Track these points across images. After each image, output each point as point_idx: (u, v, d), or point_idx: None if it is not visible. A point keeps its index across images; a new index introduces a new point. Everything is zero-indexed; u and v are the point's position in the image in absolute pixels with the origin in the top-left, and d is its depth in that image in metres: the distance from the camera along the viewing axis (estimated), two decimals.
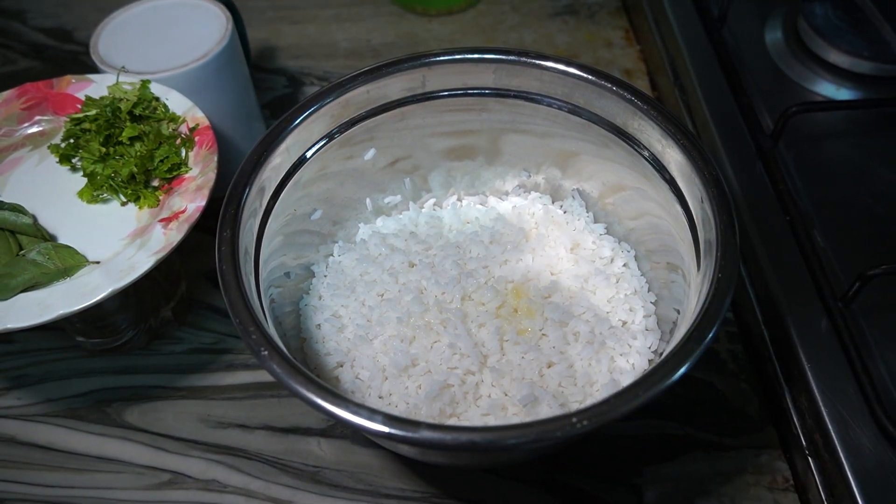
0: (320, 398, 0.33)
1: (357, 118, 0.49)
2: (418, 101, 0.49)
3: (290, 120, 0.45)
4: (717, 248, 0.38)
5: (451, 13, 0.80)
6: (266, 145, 0.44)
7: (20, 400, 0.52)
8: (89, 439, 0.50)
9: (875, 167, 0.56)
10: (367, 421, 0.32)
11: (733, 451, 0.47)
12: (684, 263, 0.43)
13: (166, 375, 0.52)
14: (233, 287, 0.38)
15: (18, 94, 0.53)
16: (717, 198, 0.40)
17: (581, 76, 0.46)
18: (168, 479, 0.47)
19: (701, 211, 0.41)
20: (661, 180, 0.45)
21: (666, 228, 0.46)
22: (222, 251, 0.39)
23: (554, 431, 0.32)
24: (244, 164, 0.43)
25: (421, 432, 0.32)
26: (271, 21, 0.80)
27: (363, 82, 0.47)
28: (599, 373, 0.43)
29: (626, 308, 0.47)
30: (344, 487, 0.47)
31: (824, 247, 0.51)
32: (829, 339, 0.46)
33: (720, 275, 0.37)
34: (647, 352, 0.45)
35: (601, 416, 0.32)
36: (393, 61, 0.48)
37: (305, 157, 0.47)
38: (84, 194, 0.48)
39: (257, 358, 0.35)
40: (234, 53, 0.57)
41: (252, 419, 0.50)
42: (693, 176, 0.42)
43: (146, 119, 0.50)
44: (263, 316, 0.38)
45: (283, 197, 0.46)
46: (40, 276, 0.42)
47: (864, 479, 0.41)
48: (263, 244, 0.44)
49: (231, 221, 0.40)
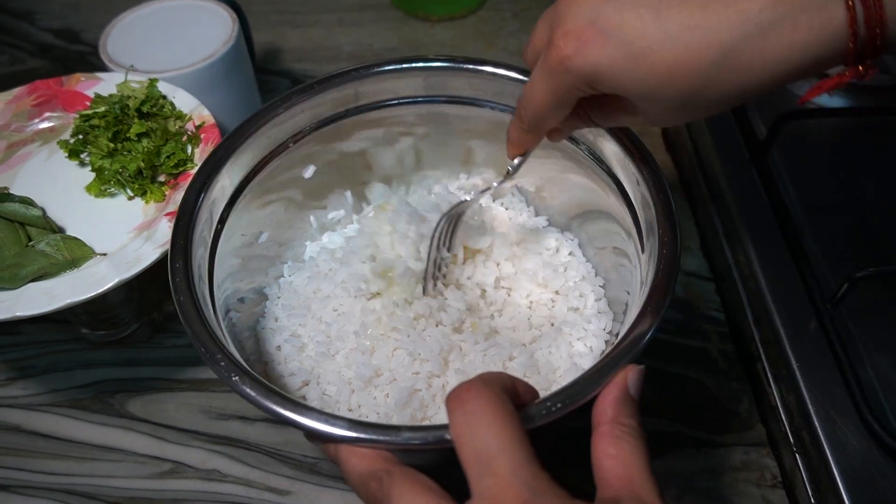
0: (301, 416, 0.33)
1: (293, 137, 0.48)
2: (352, 114, 0.50)
3: (229, 145, 0.45)
4: (658, 226, 0.40)
5: (452, 19, 0.82)
6: (207, 172, 0.44)
7: (25, 390, 0.53)
8: (92, 429, 0.50)
9: (865, 173, 0.58)
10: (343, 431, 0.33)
11: (723, 448, 0.48)
12: (629, 246, 0.44)
13: (168, 368, 0.53)
14: (193, 316, 0.38)
15: (29, 90, 0.54)
16: (652, 178, 0.41)
17: (510, 76, 0.47)
18: (169, 469, 0.48)
19: (638, 194, 0.43)
20: (598, 169, 0.46)
21: (606, 214, 0.47)
22: (177, 282, 0.39)
23: (533, 419, 0.32)
24: (187, 194, 0.43)
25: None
26: (276, 24, 0.82)
27: (296, 102, 0.47)
28: (560, 359, 0.45)
29: (577, 294, 0.48)
30: (340, 478, 0.47)
31: (814, 250, 0.52)
32: (817, 340, 0.47)
33: (664, 250, 0.38)
34: (602, 333, 0.46)
35: (574, 397, 0.33)
36: (324, 78, 0.48)
37: (247, 181, 0.47)
38: (92, 188, 0.49)
39: (228, 384, 0.35)
40: (239, 54, 0.58)
41: (252, 411, 0.51)
42: (627, 161, 0.43)
43: (153, 116, 0.51)
44: (226, 341, 0.38)
45: (230, 223, 0.46)
46: (49, 267, 0.44)
47: (849, 476, 0.42)
48: (216, 271, 0.43)
49: (182, 252, 0.40)
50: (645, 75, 0.30)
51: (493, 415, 0.28)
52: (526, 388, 0.33)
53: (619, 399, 0.32)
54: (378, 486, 0.30)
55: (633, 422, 0.31)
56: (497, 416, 0.28)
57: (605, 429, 0.31)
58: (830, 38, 0.27)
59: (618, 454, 0.30)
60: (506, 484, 0.27)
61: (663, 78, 0.30)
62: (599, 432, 0.31)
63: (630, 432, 0.31)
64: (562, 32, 0.32)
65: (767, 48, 0.28)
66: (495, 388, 0.29)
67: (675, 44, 0.29)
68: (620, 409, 0.32)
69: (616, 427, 0.31)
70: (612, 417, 0.31)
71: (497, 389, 0.29)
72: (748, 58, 0.28)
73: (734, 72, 0.29)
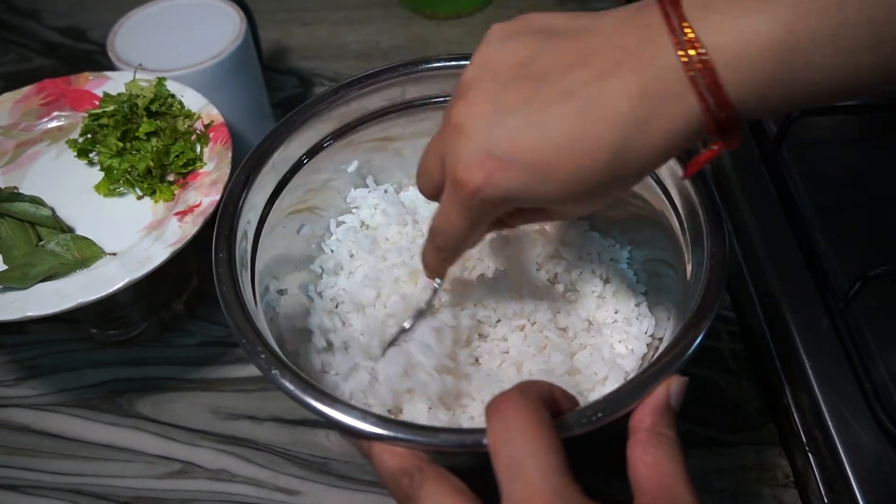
0: (340, 413, 0.34)
1: (338, 131, 0.49)
2: (398, 110, 0.50)
3: (276, 137, 0.45)
4: (707, 236, 0.39)
5: (459, 16, 0.81)
6: (254, 162, 0.44)
7: (34, 390, 0.53)
8: (101, 429, 0.50)
9: (876, 170, 0.57)
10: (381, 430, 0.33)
11: (734, 447, 0.48)
12: (674, 254, 0.44)
13: (177, 367, 0.53)
14: (235, 308, 0.38)
15: (37, 90, 0.54)
16: (700, 186, 0.41)
17: None
18: (178, 469, 0.48)
19: (686, 202, 0.42)
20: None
21: (651, 220, 0.47)
22: (220, 272, 0.39)
23: (571, 427, 0.32)
24: (233, 184, 0.43)
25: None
26: (283, 23, 0.82)
27: (344, 95, 0.47)
28: (601, 360, 0.44)
29: (619, 297, 0.48)
30: (351, 478, 0.47)
31: (826, 248, 0.52)
32: (829, 339, 0.47)
33: (713, 262, 0.38)
34: (644, 336, 0.45)
35: (615, 406, 0.33)
36: (371, 73, 0.48)
37: (292, 173, 0.47)
38: (101, 188, 0.49)
39: (269, 377, 0.35)
40: (247, 53, 0.58)
41: (261, 411, 0.51)
42: (675, 168, 0.43)
43: (162, 115, 0.51)
44: (266, 334, 0.38)
45: (272, 214, 0.46)
46: (59, 267, 0.43)
47: (862, 476, 0.42)
48: (258, 263, 0.44)
49: (226, 242, 0.41)
50: (555, 186, 0.32)
51: (527, 422, 0.29)
52: (565, 397, 0.33)
53: (659, 408, 0.32)
54: (409, 483, 0.31)
55: (672, 432, 0.31)
56: (531, 423, 0.29)
57: (642, 436, 0.31)
58: (696, 120, 0.29)
59: (654, 462, 0.30)
60: (535, 489, 0.27)
61: (571, 185, 0.31)
62: (636, 439, 0.31)
63: (668, 442, 0.31)
64: (462, 167, 0.32)
65: (648, 137, 0.30)
66: (533, 396, 0.30)
67: (572, 154, 0.30)
68: (660, 418, 0.32)
69: (653, 436, 0.31)
70: (651, 426, 0.31)
71: (534, 398, 0.30)
72: (635, 150, 0.30)
73: (628, 164, 0.31)
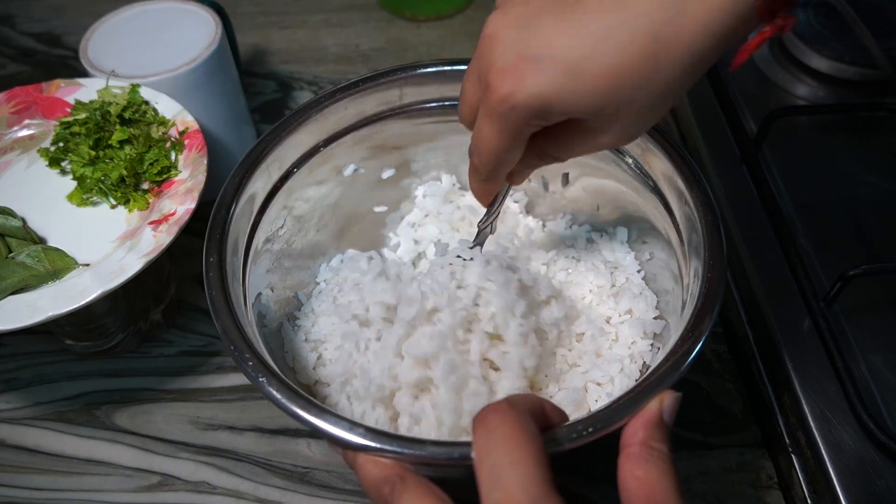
0: (326, 423, 0.33)
1: (334, 135, 0.48)
2: (396, 114, 0.50)
3: (271, 139, 0.45)
4: (704, 249, 0.39)
5: (439, 18, 0.81)
6: (248, 166, 0.44)
7: (9, 403, 0.52)
8: (78, 442, 0.50)
9: (856, 170, 0.57)
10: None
11: (718, 449, 0.48)
12: (671, 264, 0.44)
13: (156, 378, 0.52)
14: (224, 313, 0.37)
15: (7, 98, 0.53)
16: (700, 198, 0.41)
17: None
18: (157, 482, 0.48)
19: (684, 213, 0.42)
20: (643, 186, 0.46)
21: (649, 230, 0.47)
22: (210, 277, 0.39)
23: (561, 442, 0.32)
24: (227, 186, 0.43)
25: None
26: (261, 26, 0.81)
27: (341, 98, 0.47)
28: (601, 365, 0.44)
29: (616, 303, 0.48)
30: (333, 488, 0.47)
31: (806, 248, 0.52)
32: (811, 339, 0.47)
33: (710, 275, 0.38)
34: (643, 344, 0.45)
35: (606, 422, 0.32)
36: (370, 76, 0.48)
37: (285, 178, 0.47)
38: (74, 197, 0.48)
39: (256, 384, 0.35)
40: (223, 58, 0.57)
41: (241, 421, 0.50)
42: (675, 178, 0.42)
43: (136, 122, 0.50)
44: (255, 341, 0.38)
45: (265, 220, 0.45)
46: (30, 279, 0.43)
47: (845, 476, 0.42)
48: (249, 268, 0.43)
49: (217, 246, 0.40)
50: (591, 87, 0.30)
51: (511, 432, 0.28)
52: (555, 411, 0.32)
53: (651, 422, 0.32)
54: (389, 491, 0.31)
55: (664, 447, 0.31)
56: (514, 433, 0.28)
57: (633, 450, 0.31)
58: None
59: (645, 476, 0.30)
60: (514, 500, 0.26)
61: (609, 82, 0.30)
62: (627, 453, 0.31)
63: (660, 456, 0.30)
64: (494, 73, 0.32)
65: (690, 20, 0.29)
66: (521, 409, 0.30)
67: (607, 45, 0.29)
68: (652, 432, 0.31)
69: (645, 449, 0.30)
70: (643, 440, 0.31)
71: (522, 410, 0.30)
72: (675, 38, 0.29)
73: (669, 56, 0.30)
